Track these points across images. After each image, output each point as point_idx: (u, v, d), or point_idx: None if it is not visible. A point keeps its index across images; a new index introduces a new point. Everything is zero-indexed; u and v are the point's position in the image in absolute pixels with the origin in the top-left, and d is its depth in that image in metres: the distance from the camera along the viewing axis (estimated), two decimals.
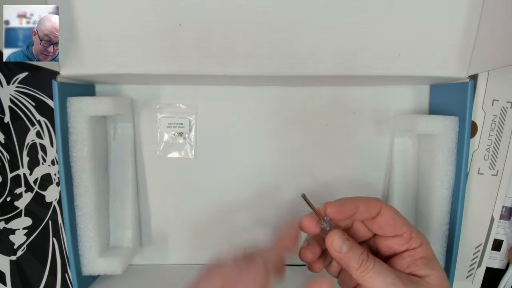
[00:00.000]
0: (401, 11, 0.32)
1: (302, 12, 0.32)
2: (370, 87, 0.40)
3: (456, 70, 0.34)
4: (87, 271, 0.36)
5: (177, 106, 0.40)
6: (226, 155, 0.41)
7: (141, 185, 0.41)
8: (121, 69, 0.33)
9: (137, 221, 0.41)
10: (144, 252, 0.42)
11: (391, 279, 0.24)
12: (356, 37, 0.33)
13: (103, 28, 0.32)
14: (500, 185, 0.40)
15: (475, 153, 0.40)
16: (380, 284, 0.24)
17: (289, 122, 0.41)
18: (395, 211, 0.27)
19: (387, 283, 0.24)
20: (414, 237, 0.26)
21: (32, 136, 0.42)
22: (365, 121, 0.41)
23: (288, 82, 0.39)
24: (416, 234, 0.27)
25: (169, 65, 0.33)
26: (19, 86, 0.41)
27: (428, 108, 0.41)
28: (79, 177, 0.35)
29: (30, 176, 0.42)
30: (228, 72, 0.33)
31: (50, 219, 0.43)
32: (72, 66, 0.33)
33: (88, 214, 0.35)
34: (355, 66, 0.33)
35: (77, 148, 0.34)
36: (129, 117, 0.39)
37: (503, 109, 0.40)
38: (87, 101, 0.34)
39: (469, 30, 0.33)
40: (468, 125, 0.34)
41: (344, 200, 0.27)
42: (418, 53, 0.33)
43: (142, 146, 0.41)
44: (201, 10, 0.32)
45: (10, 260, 0.43)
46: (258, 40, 0.32)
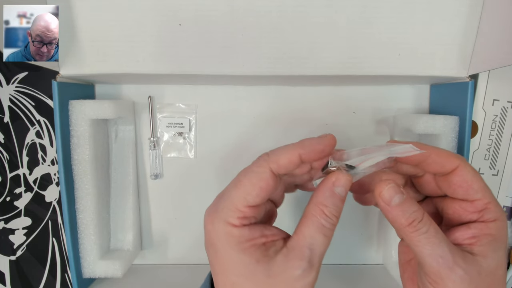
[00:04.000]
0: (401, 11, 0.32)
1: (302, 12, 0.32)
2: (370, 87, 0.40)
3: (456, 69, 0.34)
4: (87, 273, 0.36)
5: (177, 106, 0.40)
6: (226, 155, 0.41)
7: (142, 186, 0.41)
8: (121, 69, 0.33)
9: (138, 224, 0.41)
10: (144, 252, 0.42)
11: (441, 251, 0.21)
12: (356, 37, 0.33)
13: (103, 28, 0.32)
14: (501, 185, 0.40)
15: (476, 153, 0.40)
16: (428, 253, 0.21)
17: (289, 122, 0.40)
18: (475, 173, 0.23)
19: (435, 254, 0.21)
20: (490, 210, 0.22)
21: (32, 136, 0.42)
22: (365, 121, 0.41)
23: (288, 82, 0.39)
24: (494, 207, 0.22)
25: (169, 65, 0.33)
26: (19, 86, 0.41)
27: (428, 107, 0.41)
28: (80, 180, 0.35)
29: (30, 176, 0.42)
30: (228, 72, 0.33)
31: (50, 219, 0.43)
32: (72, 66, 0.33)
33: (89, 216, 0.35)
34: (355, 66, 0.33)
35: (79, 151, 0.34)
36: (130, 120, 0.39)
37: (503, 109, 0.40)
38: (89, 105, 0.34)
39: (469, 30, 0.33)
40: (469, 125, 0.34)
41: (415, 143, 0.23)
42: (418, 53, 0.33)
43: (143, 147, 0.41)
44: (201, 10, 0.32)
45: (10, 260, 0.43)
46: (258, 40, 0.32)
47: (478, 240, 0.22)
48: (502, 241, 0.22)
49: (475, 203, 0.23)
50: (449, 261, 0.21)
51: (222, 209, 0.22)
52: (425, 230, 0.21)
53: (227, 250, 0.22)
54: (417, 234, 0.21)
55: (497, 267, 0.22)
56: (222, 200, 0.23)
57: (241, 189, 0.22)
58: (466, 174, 0.23)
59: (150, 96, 0.40)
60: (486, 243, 0.22)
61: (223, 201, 0.22)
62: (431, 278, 0.21)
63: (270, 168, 0.22)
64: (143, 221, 0.42)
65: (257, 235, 0.22)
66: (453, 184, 0.23)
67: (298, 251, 0.21)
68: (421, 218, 0.21)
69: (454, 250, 0.21)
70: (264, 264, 0.21)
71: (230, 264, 0.22)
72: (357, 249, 0.43)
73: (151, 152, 0.40)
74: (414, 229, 0.21)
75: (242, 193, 0.22)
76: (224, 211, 0.22)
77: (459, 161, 0.23)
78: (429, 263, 0.21)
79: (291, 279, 0.21)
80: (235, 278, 0.22)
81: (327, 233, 0.22)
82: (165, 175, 0.41)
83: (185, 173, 0.41)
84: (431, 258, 0.21)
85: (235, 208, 0.22)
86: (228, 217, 0.22)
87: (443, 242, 0.21)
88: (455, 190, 0.23)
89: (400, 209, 0.22)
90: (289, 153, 0.23)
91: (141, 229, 0.42)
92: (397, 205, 0.22)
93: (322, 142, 0.23)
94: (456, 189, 0.23)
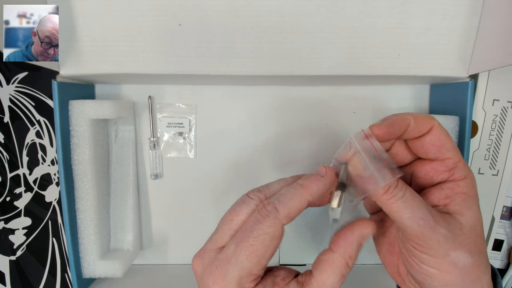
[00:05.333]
0: (401, 11, 0.32)
1: (302, 12, 0.32)
2: (370, 87, 0.40)
3: (456, 69, 0.34)
4: (87, 273, 0.36)
5: (177, 106, 0.40)
6: (226, 155, 0.41)
7: (142, 186, 0.41)
8: (121, 69, 0.33)
9: (138, 224, 0.41)
10: (144, 252, 0.42)
11: (421, 213, 0.21)
12: (356, 37, 0.33)
13: (103, 28, 0.32)
14: (501, 185, 0.40)
15: (476, 153, 0.40)
16: (408, 216, 0.21)
17: (289, 122, 0.40)
18: (447, 134, 0.23)
19: (416, 217, 0.21)
20: (460, 168, 0.23)
21: (32, 136, 0.42)
22: (365, 121, 0.41)
23: (288, 82, 0.39)
24: (463, 165, 0.23)
25: (169, 65, 0.33)
26: (19, 86, 0.41)
27: (428, 107, 0.41)
28: (80, 180, 0.35)
29: (30, 176, 0.42)
30: (228, 72, 0.33)
31: (50, 219, 0.43)
32: (72, 66, 0.33)
33: (89, 217, 0.35)
34: (355, 66, 0.33)
35: (79, 151, 0.34)
36: (130, 120, 0.39)
37: (503, 108, 0.40)
38: (89, 105, 0.34)
39: (469, 30, 0.33)
40: (469, 125, 0.34)
41: (393, 118, 0.23)
42: (418, 53, 0.33)
43: (143, 147, 0.41)
44: (201, 10, 0.32)
45: (10, 260, 0.43)
46: (258, 40, 0.32)
47: (452, 199, 0.22)
48: (474, 197, 0.23)
49: (446, 161, 0.23)
50: (431, 221, 0.21)
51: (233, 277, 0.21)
52: (402, 194, 0.21)
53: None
54: (394, 200, 0.21)
55: (476, 223, 0.22)
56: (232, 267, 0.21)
57: (254, 255, 0.21)
58: (439, 133, 0.23)
59: (150, 96, 0.40)
60: (460, 202, 0.22)
61: (233, 268, 0.21)
62: (414, 242, 0.22)
63: (282, 225, 0.21)
64: (143, 221, 0.42)
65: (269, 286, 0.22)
66: (426, 143, 0.24)
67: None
68: (395, 184, 0.22)
69: (432, 211, 0.21)
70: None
71: None
72: None
73: (151, 152, 0.40)
74: (391, 195, 0.21)
75: (256, 258, 0.21)
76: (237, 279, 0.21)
77: (433, 121, 0.23)
78: (410, 226, 0.21)
79: None
80: None
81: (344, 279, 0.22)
82: (165, 175, 0.41)
83: (185, 173, 0.41)
84: (412, 221, 0.21)
85: (249, 274, 0.21)
86: (243, 283, 0.21)
87: (421, 204, 0.21)
88: (427, 149, 0.24)
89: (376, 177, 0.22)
90: (299, 204, 0.22)
91: (141, 229, 0.42)
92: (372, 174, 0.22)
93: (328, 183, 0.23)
94: (429, 148, 0.23)
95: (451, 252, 0.21)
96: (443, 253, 0.21)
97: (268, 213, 0.21)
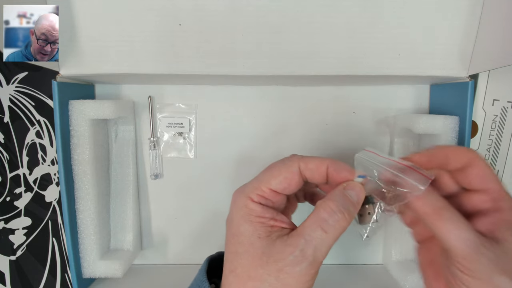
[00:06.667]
0: (401, 11, 0.32)
1: (302, 12, 0.32)
2: (370, 87, 0.40)
3: (456, 69, 0.34)
4: (87, 273, 0.36)
5: (177, 106, 0.40)
6: (226, 155, 0.41)
7: (142, 186, 0.41)
8: (121, 69, 0.33)
9: (138, 224, 0.41)
10: (144, 252, 0.42)
11: (468, 234, 0.22)
12: (356, 37, 0.33)
13: (103, 28, 0.32)
14: None
15: None
16: (455, 237, 0.22)
17: (289, 122, 0.40)
18: (488, 165, 0.25)
19: (462, 238, 0.22)
20: (505, 198, 0.24)
21: (32, 136, 0.42)
22: (365, 121, 0.41)
23: (288, 82, 0.39)
24: (506, 195, 0.24)
25: (169, 65, 0.33)
26: (19, 86, 0.41)
27: (428, 107, 0.41)
28: (80, 180, 0.35)
29: (30, 176, 0.42)
30: (228, 72, 0.33)
31: (50, 219, 0.43)
32: (72, 66, 0.33)
33: (89, 217, 0.35)
34: (355, 66, 0.33)
35: (79, 151, 0.34)
36: (130, 120, 0.39)
37: (503, 109, 0.40)
38: (89, 105, 0.34)
39: (469, 30, 0.33)
40: (469, 125, 0.34)
41: (434, 149, 0.25)
42: (418, 53, 0.33)
43: (143, 147, 0.41)
44: (201, 10, 0.32)
45: (10, 260, 0.43)
46: (258, 40, 0.32)
47: (498, 226, 0.23)
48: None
49: (490, 191, 0.24)
50: (477, 244, 0.21)
51: (247, 187, 0.25)
52: (450, 215, 0.22)
53: (238, 219, 0.24)
54: (443, 219, 0.22)
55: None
56: (251, 181, 0.26)
57: (268, 173, 0.25)
58: (482, 165, 0.25)
59: (150, 96, 0.40)
60: (505, 229, 0.23)
61: (251, 181, 0.26)
62: (460, 264, 0.22)
63: (299, 165, 0.25)
64: (143, 221, 0.42)
65: (268, 215, 0.24)
66: (470, 175, 0.25)
67: (294, 239, 0.23)
68: (444, 205, 0.23)
69: (478, 235, 0.22)
70: (263, 241, 0.23)
71: (236, 232, 0.24)
72: (357, 249, 0.43)
73: (151, 152, 0.40)
74: (440, 216, 0.22)
75: (268, 176, 0.25)
76: (248, 188, 0.25)
77: (473, 153, 0.25)
78: (457, 247, 0.22)
79: (280, 263, 0.22)
80: (236, 246, 0.24)
81: (328, 228, 0.23)
82: (165, 175, 0.41)
83: (185, 173, 0.41)
84: (459, 242, 0.22)
85: (258, 187, 0.25)
86: (250, 192, 0.25)
87: (468, 227, 0.22)
88: (472, 180, 0.25)
89: (425, 199, 0.23)
90: (319, 160, 0.25)
91: (141, 229, 0.42)
92: (421, 195, 0.23)
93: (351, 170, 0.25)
94: (474, 179, 0.25)
95: (496, 277, 0.21)
96: (487, 277, 0.21)
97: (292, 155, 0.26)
